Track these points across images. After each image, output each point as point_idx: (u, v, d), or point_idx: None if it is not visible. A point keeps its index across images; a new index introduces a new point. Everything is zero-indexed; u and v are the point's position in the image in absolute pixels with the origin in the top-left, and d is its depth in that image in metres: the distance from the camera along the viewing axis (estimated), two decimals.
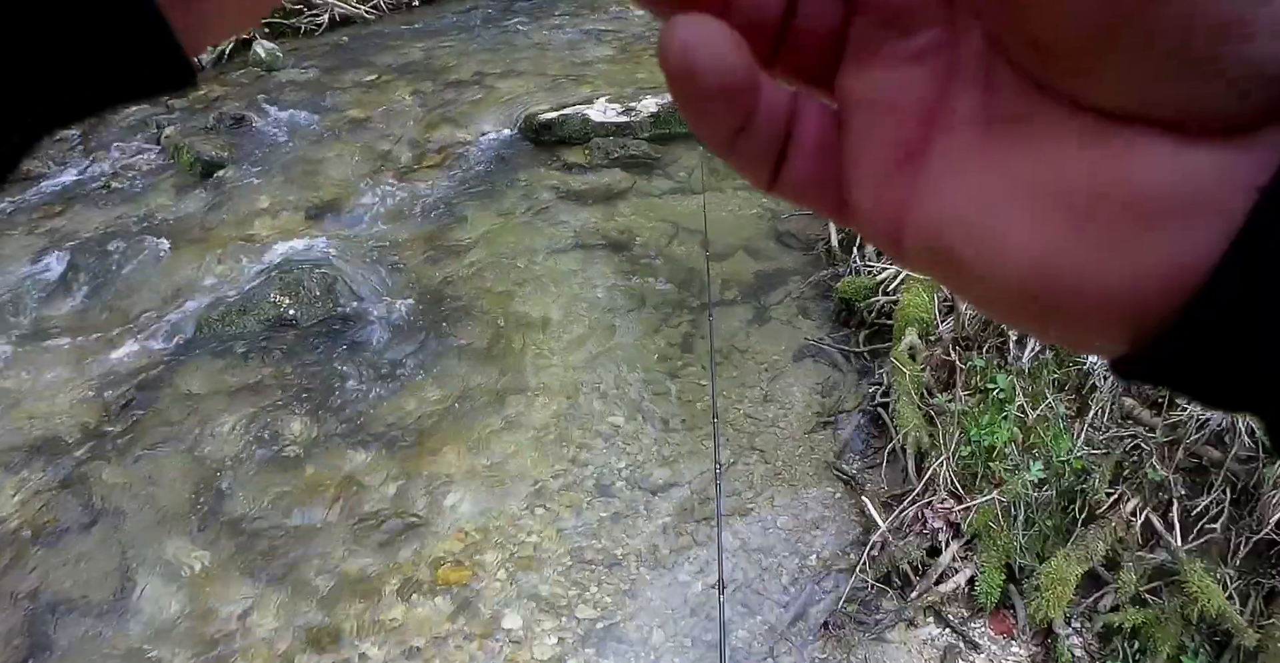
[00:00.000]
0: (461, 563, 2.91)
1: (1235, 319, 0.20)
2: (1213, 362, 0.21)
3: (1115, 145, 0.22)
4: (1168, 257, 0.21)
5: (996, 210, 0.24)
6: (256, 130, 5.25)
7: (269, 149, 5.04)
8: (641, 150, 5.03)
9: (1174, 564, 2.52)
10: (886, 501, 3.07)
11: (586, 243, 4.35)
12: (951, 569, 2.80)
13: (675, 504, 3.11)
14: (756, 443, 3.33)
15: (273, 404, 3.44)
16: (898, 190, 0.26)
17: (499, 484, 3.16)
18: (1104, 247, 0.22)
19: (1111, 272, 0.22)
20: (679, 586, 2.87)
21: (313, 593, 2.81)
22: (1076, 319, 0.24)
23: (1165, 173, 0.21)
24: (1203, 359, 0.21)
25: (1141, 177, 0.21)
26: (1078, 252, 0.22)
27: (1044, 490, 2.77)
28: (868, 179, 0.27)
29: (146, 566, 2.89)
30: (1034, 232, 0.23)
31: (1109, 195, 0.22)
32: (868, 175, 0.27)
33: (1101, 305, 0.22)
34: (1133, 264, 0.22)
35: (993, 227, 0.24)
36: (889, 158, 0.27)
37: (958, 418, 2.99)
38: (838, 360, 3.66)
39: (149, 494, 3.11)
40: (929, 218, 0.26)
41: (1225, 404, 0.23)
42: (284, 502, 3.08)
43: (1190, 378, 0.22)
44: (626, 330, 3.82)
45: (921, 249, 0.27)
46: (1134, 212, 0.22)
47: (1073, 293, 0.23)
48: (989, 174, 0.24)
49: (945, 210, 0.25)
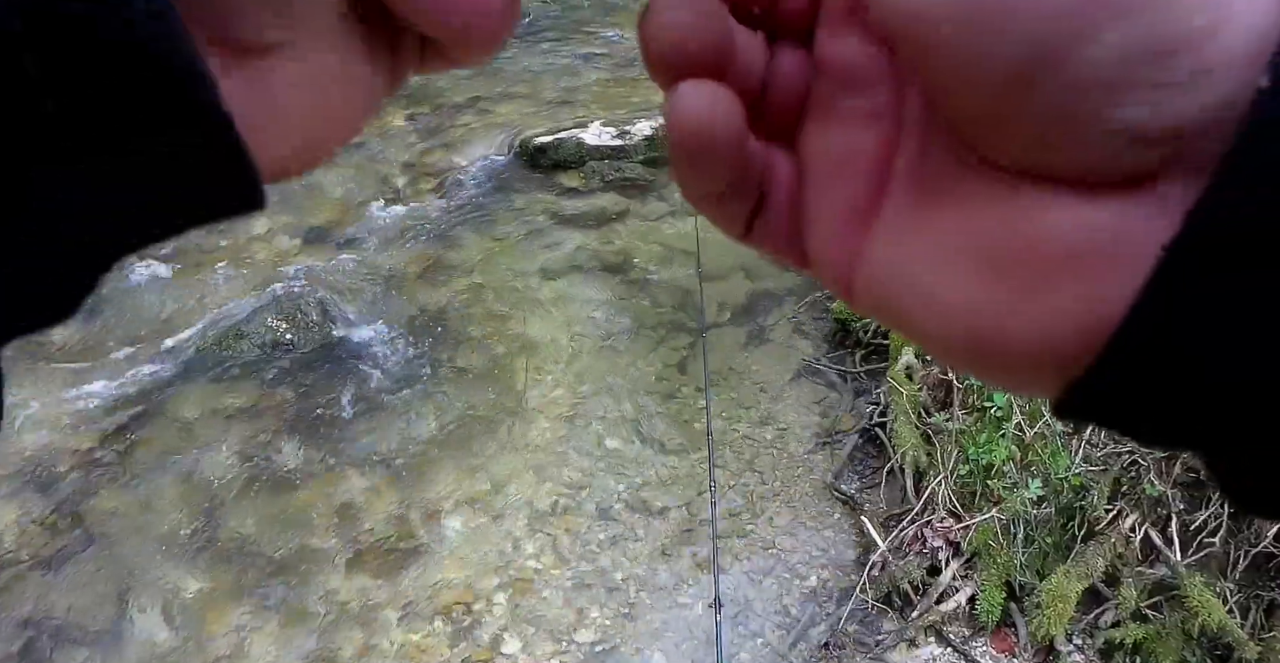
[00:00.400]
0: (461, 588, 2.90)
1: (1143, 373, 0.21)
2: (1129, 408, 0.22)
3: (1024, 202, 0.23)
4: (1078, 309, 0.22)
5: (931, 267, 0.25)
6: None
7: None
8: (636, 173, 5.05)
9: (1174, 579, 2.51)
10: (886, 520, 3.06)
11: (583, 266, 4.36)
12: (952, 588, 2.79)
13: (674, 526, 3.10)
14: (755, 464, 3.33)
15: (270, 429, 3.43)
16: (849, 244, 0.28)
17: (497, 508, 3.15)
18: (1019, 300, 0.23)
19: (1028, 324, 0.23)
20: (678, 608, 2.86)
21: (311, 619, 2.79)
22: (1007, 368, 0.24)
23: (1069, 227, 0.22)
24: (1120, 406, 0.22)
25: (1048, 231, 0.22)
26: (997, 306, 0.23)
27: (1043, 508, 2.77)
28: (822, 233, 0.29)
29: (143, 591, 2.88)
30: (960, 288, 0.24)
31: (1020, 250, 0.23)
32: (822, 230, 0.29)
33: (1025, 355, 0.23)
34: (1047, 316, 0.22)
35: (928, 283, 0.25)
36: (841, 214, 0.28)
37: (955, 437, 2.99)
38: (835, 381, 3.67)
39: (145, 519, 3.10)
40: (875, 272, 0.27)
41: (1154, 445, 0.24)
42: (281, 527, 3.07)
43: (1116, 421, 0.23)
44: (623, 353, 3.83)
45: (869, 301, 0.28)
46: (1043, 265, 0.22)
47: (997, 344, 0.24)
48: (924, 232, 0.26)
49: (888, 266, 0.27)
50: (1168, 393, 0.21)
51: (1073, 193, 0.22)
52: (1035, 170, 0.23)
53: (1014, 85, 0.21)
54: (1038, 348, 0.23)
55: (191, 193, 0.23)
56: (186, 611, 2.83)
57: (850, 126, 0.28)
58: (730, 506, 3.15)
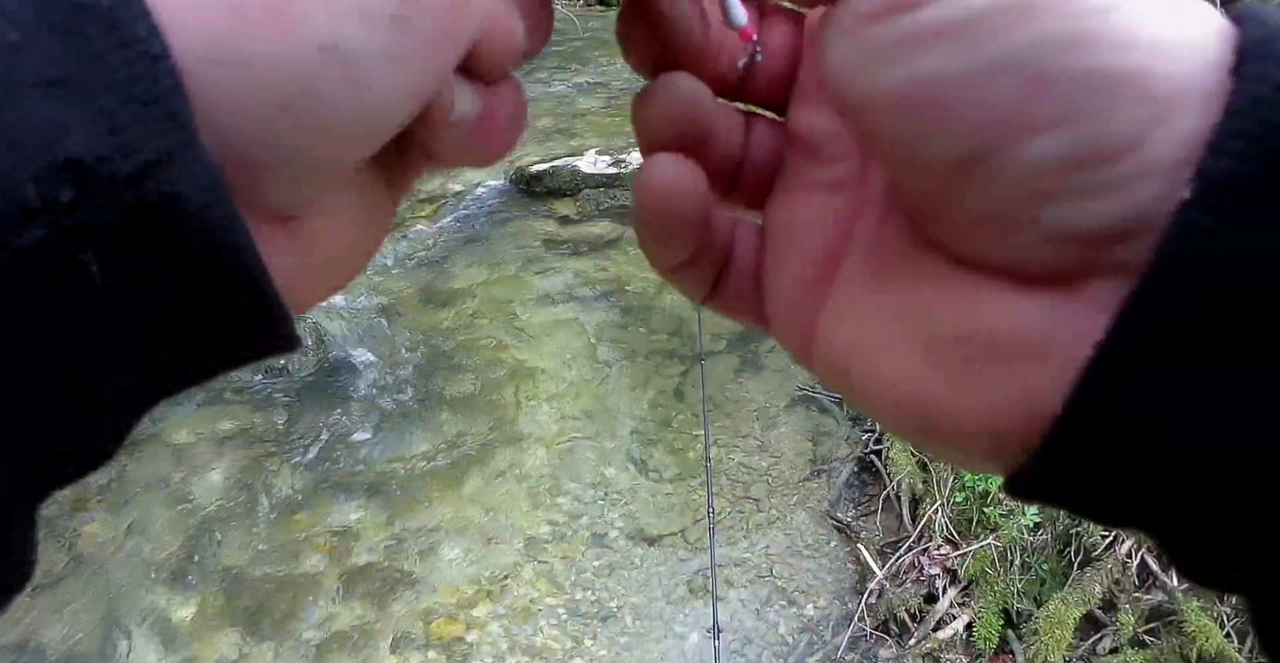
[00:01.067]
0: (454, 616, 2.86)
1: (1084, 457, 0.22)
2: (1075, 489, 0.23)
3: (964, 289, 0.24)
4: (1014, 397, 0.22)
5: (879, 343, 0.26)
6: None
7: None
8: (630, 201, 5.07)
9: (1171, 605, 2.51)
10: (882, 548, 3.05)
11: (577, 293, 4.37)
12: (949, 616, 2.78)
13: (670, 554, 3.08)
14: (751, 491, 3.32)
15: (263, 454, 3.40)
16: (806, 312, 0.29)
17: (492, 536, 3.12)
18: (958, 385, 0.23)
19: (966, 408, 0.23)
20: (675, 637, 2.83)
21: (303, 646, 2.75)
22: (951, 447, 0.25)
23: (1004, 317, 0.23)
24: (1066, 487, 0.23)
25: (985, 321, 0.23)
26: (938, 389, 0.24)
27: (1039, 535, 2.77)
28: (781, 299, 0.29)
29: (134, 617, 2.83)
30: (905, 367, 0.25)
31: (957, 339, 0.24)
32: (781, 296, 0.29)
33: (968, 437, 0.24)
34: (985, 402, 0.23)
35: (876, 359, 0.26)
36: (798, 281, 0.29)
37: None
38: (830, 408, 3.67)
39: (136, 544, 3.06)
40: (829, 342, 0.28)
41: (1102, 521, 0.25)
42: (273, 553, 3.04)
43: (1063, 501, 0.24)
44: (618, 380, 3.83)
45: (823, 370, 0.29)
46: (978, 355, 0.23)
47: (942, 426, 0.24)
48: (875, 307, 0.26)
49: (840, 338, 0.27)
50: (1113, 471, 0.21)
51: (1008, 285, 0.23)
52: (974, 259, 0.23)
53: (952, 176, 0.22)
54: (979, 431, 0.23)
55: (231, 350, 0.23)
56: (177, 637, 2.78)
57: (814, 196, 0.28)
58: (727, 533, 3.14)
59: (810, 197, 0.29)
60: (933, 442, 0.26)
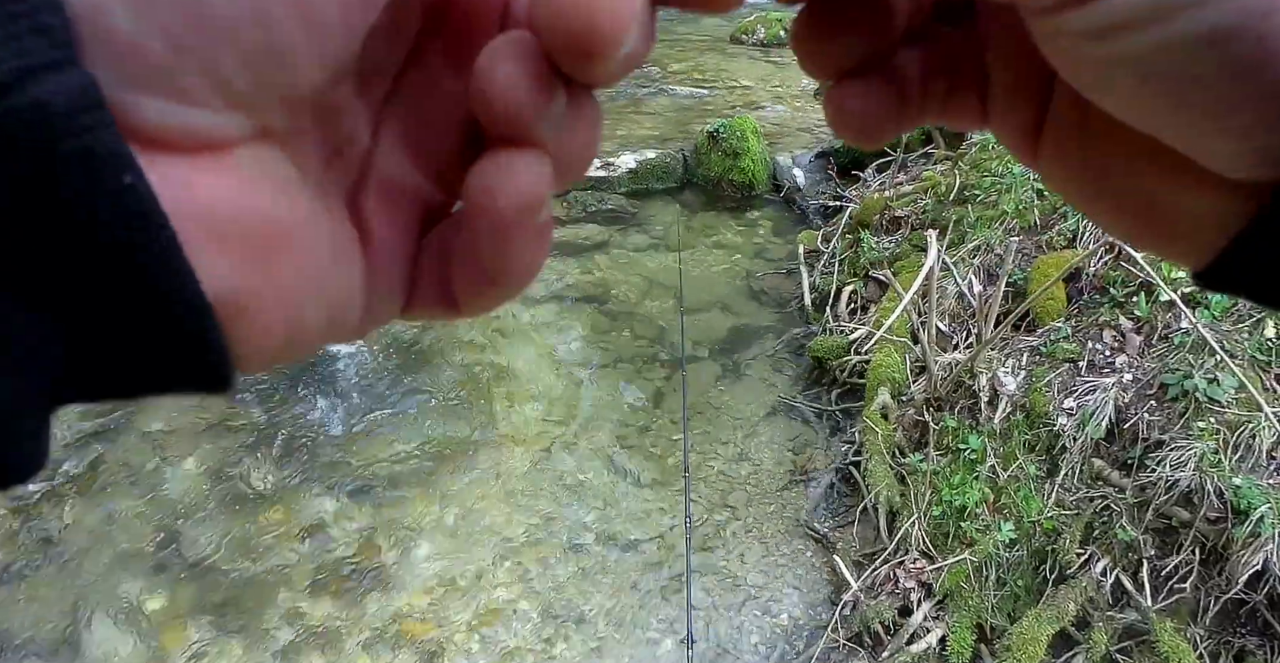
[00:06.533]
0: (426, 617, 2.84)
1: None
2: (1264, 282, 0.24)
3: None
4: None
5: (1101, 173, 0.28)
6: None
7: None
8: (619, 205, 5.08)
9: (1145, 624, 2.53)
10: (858, 559, 3.05)
11: (561, 295, 4.37)
12: (923, 629, 2.78)
13: (645, 560, 3.07)
14: (728, 500, 3.32)
15: (238, 447, 3.37)
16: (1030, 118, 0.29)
17: (467, 537, 3.10)
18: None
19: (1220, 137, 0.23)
20: (647, 644, 2.82)
21: (273, 642, 2.72)
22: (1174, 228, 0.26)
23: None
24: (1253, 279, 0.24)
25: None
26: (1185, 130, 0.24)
27: (1015, 551, 2.78)
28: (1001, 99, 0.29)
29: (102, 608, 2.79)
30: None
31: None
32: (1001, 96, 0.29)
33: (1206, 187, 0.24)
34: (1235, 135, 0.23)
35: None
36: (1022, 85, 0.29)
37: (929, 478, 3.00)
38: (810, 418, 3.68)
39: (107, 534, 3.01)
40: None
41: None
42: (246, 547, 3.00)
43: (1265, 282, 0.24)
44: (600, 384, 3.82)
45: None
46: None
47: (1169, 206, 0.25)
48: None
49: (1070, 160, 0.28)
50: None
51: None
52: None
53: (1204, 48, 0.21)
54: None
55: (153, 373, 0.20)
56: (146, 628, 2.74)
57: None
58: (703, 541, 3.13)
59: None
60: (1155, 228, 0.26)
